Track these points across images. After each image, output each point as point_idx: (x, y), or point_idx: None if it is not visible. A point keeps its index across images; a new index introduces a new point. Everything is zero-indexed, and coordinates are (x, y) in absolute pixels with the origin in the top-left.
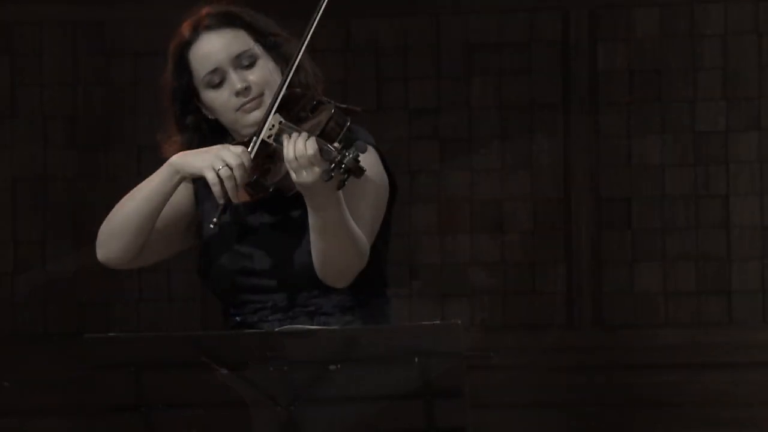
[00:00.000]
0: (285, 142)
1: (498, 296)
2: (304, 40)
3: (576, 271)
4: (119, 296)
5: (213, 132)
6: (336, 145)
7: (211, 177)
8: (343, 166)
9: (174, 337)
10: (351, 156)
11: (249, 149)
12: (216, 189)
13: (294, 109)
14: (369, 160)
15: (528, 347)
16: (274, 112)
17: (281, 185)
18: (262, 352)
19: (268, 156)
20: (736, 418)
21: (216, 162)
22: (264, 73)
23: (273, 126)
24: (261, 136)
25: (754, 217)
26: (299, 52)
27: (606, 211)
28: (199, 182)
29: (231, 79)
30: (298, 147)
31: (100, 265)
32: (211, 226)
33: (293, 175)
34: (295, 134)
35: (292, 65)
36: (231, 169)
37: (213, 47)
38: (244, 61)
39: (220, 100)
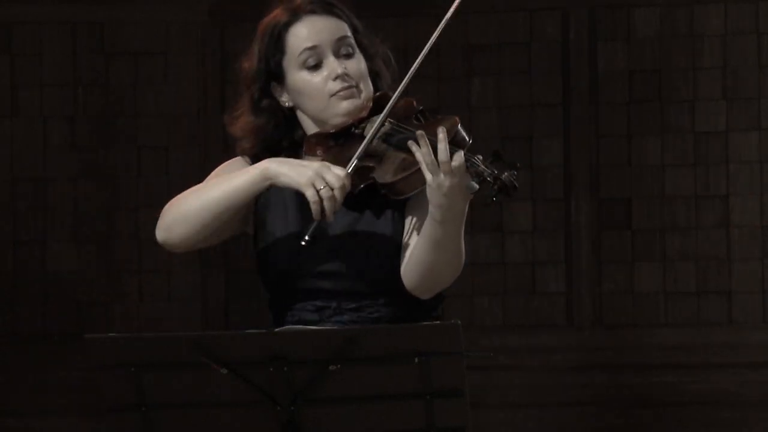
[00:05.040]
0: (410, 144)
1: (498, 296)
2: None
3: (576, 271)
4: (119, 296)
5: (286, 121)
6: (482, 158)
7: (311, 194)
8: (499, 182)
9: (174, 337)
10: (508, 173)
11: (335, 139)
12: (315, 207)
13: (397, 112)
14: None
15: (528, 347)
16: (384, 113)
17: (395, 188)
18: (262, 352)
19: (369, 155)
20: (736, 418)
21: (318, 181)
22: (361, 66)
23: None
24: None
25: (754, 217)
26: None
27: (606, 211)
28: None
29: (330, 63)
30: (442, 152)
31: (100, 265)
32: (303, 243)
33: (428, 178)
34: (440, 136)
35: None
36: (332, 189)
37: (316, 26)
38: (343, 49)
39: (313, 82)
